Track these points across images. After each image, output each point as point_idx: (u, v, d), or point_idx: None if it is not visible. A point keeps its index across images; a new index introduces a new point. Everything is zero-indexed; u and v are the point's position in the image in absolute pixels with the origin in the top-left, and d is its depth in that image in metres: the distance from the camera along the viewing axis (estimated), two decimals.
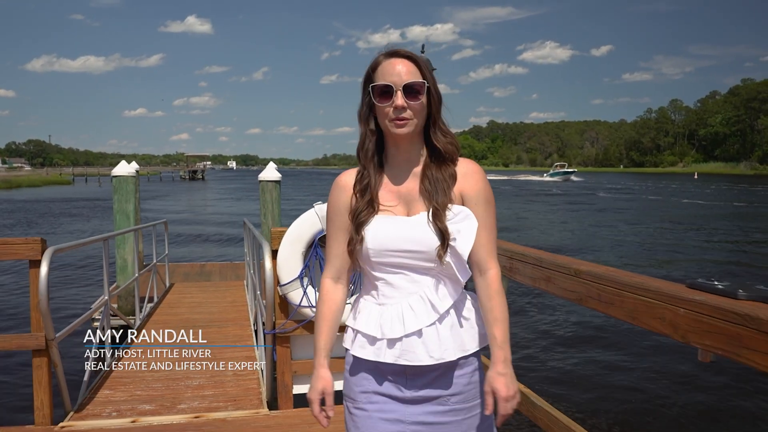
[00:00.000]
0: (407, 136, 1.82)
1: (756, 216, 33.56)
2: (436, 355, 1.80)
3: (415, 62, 1.83)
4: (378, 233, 1.81)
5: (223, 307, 8.77)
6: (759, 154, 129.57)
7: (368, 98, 1.85)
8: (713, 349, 1.76)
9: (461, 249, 1.78)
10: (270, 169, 10.02)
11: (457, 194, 1.85)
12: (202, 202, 52.52)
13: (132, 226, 9.16)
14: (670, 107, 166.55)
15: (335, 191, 1.93)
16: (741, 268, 16.99)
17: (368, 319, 1.86)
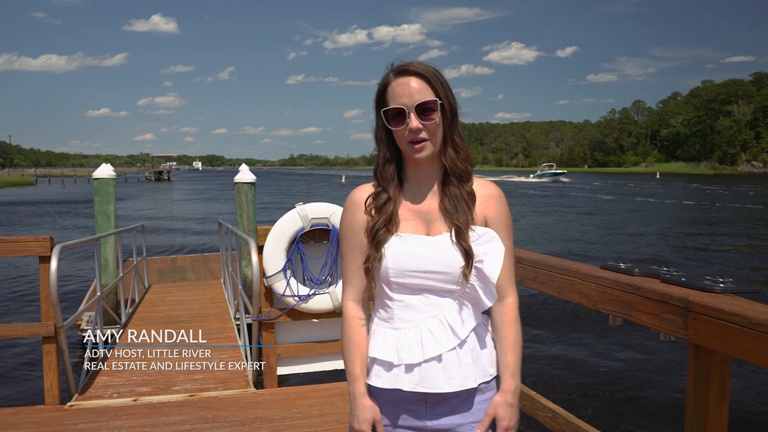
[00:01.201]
0: (427, 157, 1.75)
1: (700, 214, 34.76)
2: (457, 381, 1.73)
3: (426, 78, 1.73)
4: (398, 252, 1.73)
5: (203, 304, 9.22)
6: (719, 154, 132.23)
7: (382, 122, 1.78)
8: (615, 312, 2.35)
9: (489, 272, 1.74)
10: (245, 171, 10.49)
11: (480, 217, 1.80)
12: (170, 203, 52.28)
13: (113, 227, 9.57)
14: (633, 108, 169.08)
15: (350, 209, 1.85)
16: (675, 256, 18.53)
17: (384, 344, 1.77)
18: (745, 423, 6.58)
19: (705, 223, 29.28)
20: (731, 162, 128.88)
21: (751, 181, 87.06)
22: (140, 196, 60.33)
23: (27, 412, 4.58)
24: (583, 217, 32.15)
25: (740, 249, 20.61)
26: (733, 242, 22.23)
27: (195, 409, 4.56)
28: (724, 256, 19.17)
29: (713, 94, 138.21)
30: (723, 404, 1.99)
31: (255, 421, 4.27)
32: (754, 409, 7.00)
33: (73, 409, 4.64)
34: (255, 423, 4.25)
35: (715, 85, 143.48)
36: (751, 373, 7.89)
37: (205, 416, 4.38)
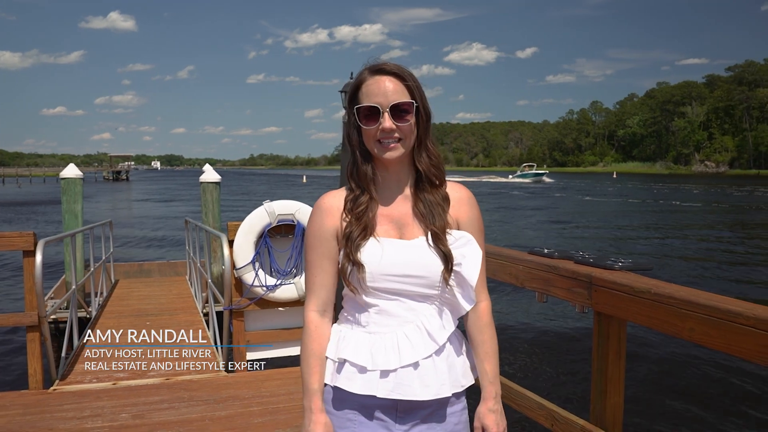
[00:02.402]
0: (397, 159, 1.73)
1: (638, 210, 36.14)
2: (432, 390, 1.70)
3: (402, 79, 1.71)
4: (374, 257, 1.68)
5: (170, 299, 9.52)
6: (673, 154, 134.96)
7: (354, 119, 1.74)
8: (538, 289, 2.81)
9: (468, 275, 1.71)
10: (210, 171, 10.79)
11: (454, 220, 1.78)
12: (130, 203, 52.03)
13: (80, 226, 9.82)
14: (591, 109, 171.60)
15: (318, 215, 1.79)
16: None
17: (357, 348, 1.71)
18: (644, 381, 8.04)
19: (653, 220, 31.15)
20: (685, 162, 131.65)
21: (701, 180, 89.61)
22: (99, 197, 59.70)
23: (12, 396, 4.90)
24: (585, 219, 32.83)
25: (668, 238, 23.59)
26: (663, 234, 25.32)
27: (171, 390, 4.93)
28: (652, 243, 22.78)
29: (668, 95, 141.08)
30: (620, 360, 2.46)
31: (228, 400, 4.67)
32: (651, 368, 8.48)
33: (57, 393, 4.98)
34: (228, 401, 4.65)
35: (670, 86, 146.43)
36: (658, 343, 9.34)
37: (181, 396, 4.77)
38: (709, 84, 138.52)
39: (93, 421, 4.30)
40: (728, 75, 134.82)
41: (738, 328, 1.80)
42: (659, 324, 2.12)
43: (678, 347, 9.12)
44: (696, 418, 7.08)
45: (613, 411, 2.45)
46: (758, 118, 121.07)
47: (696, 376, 8.33)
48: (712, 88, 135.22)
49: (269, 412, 4.42)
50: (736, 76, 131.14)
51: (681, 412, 7.21)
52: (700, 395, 7.73)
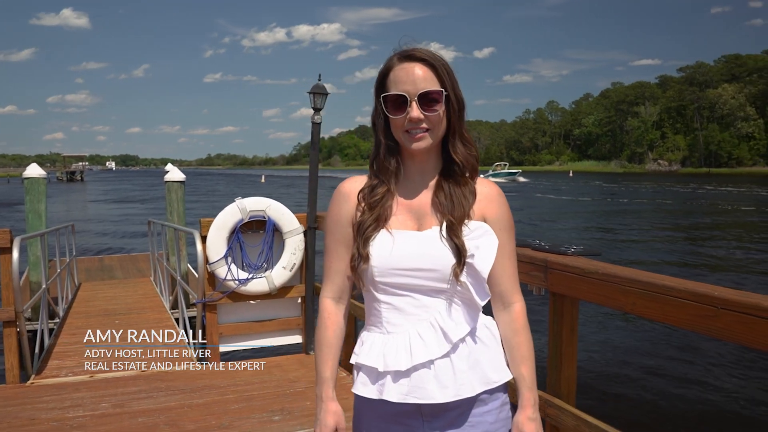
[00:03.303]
0: (425, 149, 1.66)
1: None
2: (450, 391, 1.60)
3: (432, 66, 1.63)
4: (383, 249, 1.62)
5: (136, 299, 9.61)
6: (627, 153, 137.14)
7: (381, 108, 1.67)
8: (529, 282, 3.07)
9: (480, 266, 1.61)
10: (174, 170, 10.87)
11: (479, 216, 1.69)
12: (85, 204, 51.27)
13: (44, 226, 9.85)
14: (548, 108, 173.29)
15: (337, 200, 1.75)
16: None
17: (370, 350, 1.66)
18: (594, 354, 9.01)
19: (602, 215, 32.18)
20: (639, 161, 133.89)
21: (654, 178, 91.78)
22: (53, 198, 58.59)
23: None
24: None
25: (617, 231, 24.94)
26: (613, 227, 26.80)
27: (148, 381, 5.11)
28: (605, 236, 24.45)
29: (622, 95, 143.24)
30: (573, 336, 2.74)
31: (204, 389, 4.86)
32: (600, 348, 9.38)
33: (35, 386, 5.12)
34: (204, 390, 4.84)
35: (624, 86, 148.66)
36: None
37: (159, 386, 4.94)
38: (662, 84, 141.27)
39: (74, 410, 4.46)
40: (680, 76, 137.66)
41: (672, 300, 2.08)
42: (606, 300, 2.41)
43: (621, 322, 10.38)
44: (638, 381, 8.04)
45: (567, 382, 2.72)
46: (708, 117, 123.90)
47: (636, 346, 9.47)
48: (665, 89, 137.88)
49: (245, 399, 4.63)
50: (688, 76, 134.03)
51: (625, 379, 8.15)
52: (641, 362, 8.78)
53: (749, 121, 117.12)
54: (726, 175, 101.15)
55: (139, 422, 4.24)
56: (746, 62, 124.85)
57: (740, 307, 1.85)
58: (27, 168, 10.38)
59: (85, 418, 4.33)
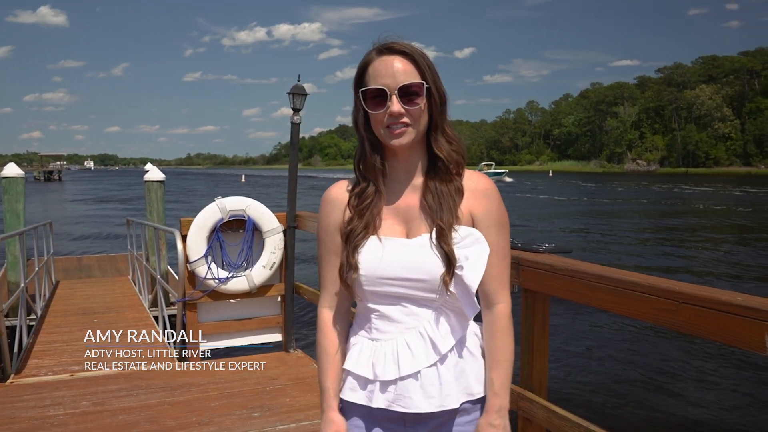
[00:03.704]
0: (406, 145, 1.59)
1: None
2: (436, 401, 1.60)
3: (412, 59, 1.59)
4: (371, 258, 1.59)
5: (114, 298, 9.62)
6: (607, 153, 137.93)
7: (360, 104, 1.61)
8: None
9: (469, 279, 1.56)
10: (154, 170, 10.88)
11: (466, 213, 1.63)
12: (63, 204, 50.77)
13: (22, 225, 9.83)
14: (527, 108, 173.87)
15: (325, 208, 1.71)
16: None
17: (359, 357, 1.66)
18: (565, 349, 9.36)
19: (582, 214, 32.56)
20: (618, 160, 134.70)
21: (632, 178, 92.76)
22: (31, 197, 57.86)
23: None
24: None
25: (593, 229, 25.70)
26: (589, 227, 27.62)
27: (128, 379, 5.13)
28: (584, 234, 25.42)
29: (601, 95, 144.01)
30: (544, 331, 2.81)
31: (184, 386, 4.90)
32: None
33: (14, 385, 5.14)
34: (184, 388, 4.88)
35: (603, 87, 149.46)
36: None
37: (139, 384, 4.97)
38: (640, 85, 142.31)
39: (55, 409, 4.49)
40: (658, 76, 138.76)
41: (636, 295, 2.16)
42: (575, 296, 2.49)
43: (590, 318, 10.77)
44: (606, 374, 8.41)
45: (539, 376, 2.80)
46: (686, 118, 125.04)
47: (604, 340, 9.89)
48: (643, 89, 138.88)
49: (225, 396, 4.68)
50: (666, 77, 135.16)
51: (595, 372, 8.49)
52: (608, 356, 9.16)
53: (726, 121, 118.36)
54: (703, 175, 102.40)
55: (119, 420, 4.27)
56: (723, 63, 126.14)
57: (699, 301, 1.93)
58: (5, 167, 10.37)
59: (66, 416, 4.36)
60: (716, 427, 6.79)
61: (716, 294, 1.92)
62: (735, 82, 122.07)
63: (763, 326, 1.73)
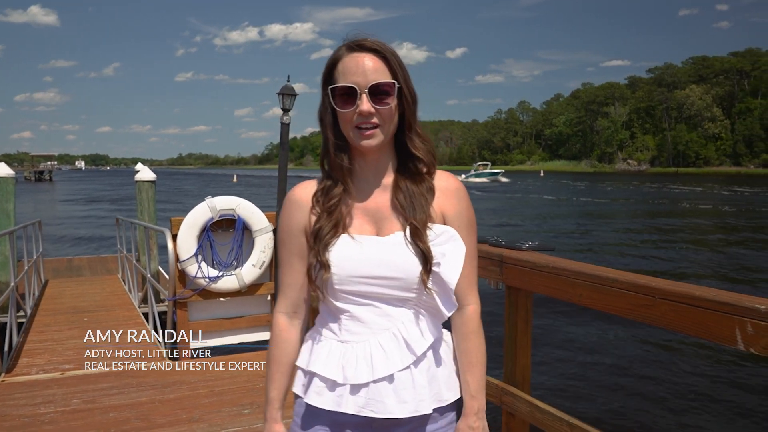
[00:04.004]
0: (376, 147, 1.55)
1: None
2: (410, 406, 1.54)
3: (383, 57, 1.54)
4: (344, 256, 1.53)
5: (104, 296, 9.62)
6: (598, 153, 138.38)
7: (329, 101, 1.56)
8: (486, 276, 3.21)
9: (447, 276, 1.53)
10: (145, 170, 10.89)
11: (438, 213, 1.60)
12: (54, 204, 50.58)
13: (12, 225, 9.83)
14: (519, 108, 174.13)
15: (288, 208, 1.64)
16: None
17: (328, 359, 1.57)
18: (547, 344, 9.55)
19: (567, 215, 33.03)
20: (609, 160, 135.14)
21: (623, 178, 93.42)
22: (21, 198, 57.60)
23: None
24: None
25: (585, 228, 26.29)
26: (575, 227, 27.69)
27: (119, 377, 5.17)
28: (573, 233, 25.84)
29: (592, 95, 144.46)
30: (527, 327, 2.87)
31: (174, 384, 4.95)
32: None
33: (5, 384, 5.16)
34: (174, 385, 4.92)
35: (594, 87, 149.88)
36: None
37: (129, 383, 5.02)
38: (631, 85, 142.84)
39: (46, 407, 4.52)
40: (649, 77, 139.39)
41: (614, 291, 2.22)
42: (557, 292, 2.54)
43: (572, 315, 11.03)
44: (588, 368, 8.62)
45: (522, 371, 2.86)
46: (676, 118, 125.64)
47: (585, 337, 10.10)
48: (634, 89, 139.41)
49: (215, 394, 4.73)
50: (656, 77, 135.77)
51: (576, 367, 8.68)
52: (590, 352, 9.38)
53: (716, 121, 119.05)
54: (693, 175, 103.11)
55: (110, 417, 4.32)
56: (713, 64, 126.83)
57: (674, 297, 1.99)
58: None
59: (57, 413, 4.40)
60: (692, 418, 6.99)
61: (690, 289, 1.98)
62: (725, 82, 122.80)
63: (735, 320, 1.79)
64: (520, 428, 2.81)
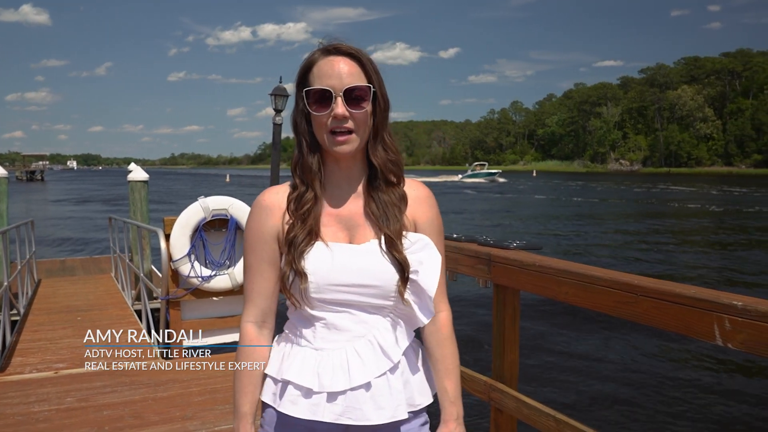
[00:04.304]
0: (350, 153, 1.54)
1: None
2: (387, 412, 1.53)
3: (358, 61, 1.54)
4: (321, 264, 1.51)
5: (98, 295, 9.63)
6: (590, 153, 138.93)
7: (303, 104, 1.55)
8: (448, 268, 3.26)
9: (426, 284, 1.53)
10: (138, 170, 10.92)
11: (411, 221, 1.61)
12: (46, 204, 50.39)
13: (5, 225, 9.86)
14: (512, 108, 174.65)
15: (257, 214, 1.60)
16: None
17: (302, 366, 1.54)
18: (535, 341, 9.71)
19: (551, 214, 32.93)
20: (601, 160, 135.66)
21: (614, 178, 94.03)
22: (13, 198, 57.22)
23: None
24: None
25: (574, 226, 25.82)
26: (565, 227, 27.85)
27: (112, 376, 5.20)
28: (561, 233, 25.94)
29: (585, 96, 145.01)
30: (515, 324, 2.93)
31: (168, 383, 4.99)
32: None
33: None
34: (168, 384, 4.96)
35: (587, 87, 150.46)
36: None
37: (123, 381, 5.05)
38: (623, 85, 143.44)
39: (40, 405, 4.56)
40: (641, 77, 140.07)
41: (599, 289, 2.28)
42: (543, 290, 2.60)
43: (559, 316, 11.16)
44: (575, 367, 8.76)
45: (510, 367, 2.91)
46: (668, 118, 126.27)
47: (572, 337, 10.25)
48: (626, 90, 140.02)
49: (208, 392, 4.78)
50: (649, 78, 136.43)
51: (563, 366, 8.80)
52: (576, 350, 9.55)
53: (708, 122, 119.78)
54: (685, 175, 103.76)
55: (104, 415, 4.36)
56: (705, 64, 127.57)
57: (655, 294, 2.05)
58: None
59: (51, 412, 4.43)
60: (676, 414, 7.15)
61: (671, 287, 2.03)
62: (716, 82, 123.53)
63: (713, 317, 1.85)
64: (508, 424, 2.87)
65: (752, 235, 24.36)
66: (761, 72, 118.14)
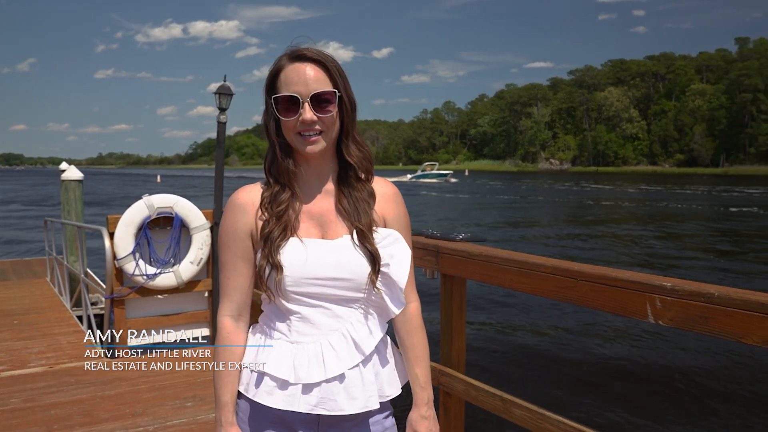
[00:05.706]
0: (319, 153, 1.60)
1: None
2: (359, 402, 1.61)
3: (324, 66, 1.60)
4: (296, 258, 1.57)
5: (34, 299, 9.40)
6: (521, 153, 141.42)
7: (273, 109, 1.61)
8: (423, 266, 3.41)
9: (397, 276, 1.63)
10: (72, 169, 10.71)
11: (380, 217, 1.69)
12: None
13: None
14: (444, 108, 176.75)
15: (232, 212, 1.66)
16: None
17: (279, 359, 1.61)
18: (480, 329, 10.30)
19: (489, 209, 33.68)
20: (532, 160, 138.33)
21: (543, 177, 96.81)
22: None
23: None
24: None
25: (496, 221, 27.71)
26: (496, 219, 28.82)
27: (57, 376, 5.17)
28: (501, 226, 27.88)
29: (516, 96, 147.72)
30: (462, 312, 3.09)
31: (115, 381, 4.98)
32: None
33: None
34: (115, 382, 4.95)
35: (518, 88, 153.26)
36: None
37: (68, 381, 5.02)
38: (553, 86, 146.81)
39: None
40: (570, 78, 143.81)
41: (541, 275, 2.46)
42: (488, 278, 2.77)
43: (503, 300, 11.87)
44: (518, 347, 9.36)
45: (457, 354, 3.08)
46: (596, 119, 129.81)
47: (515, 319, 10.89)
48: (556, 91, 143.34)
49: (156, 389, 4.80)
50: (577, 79, 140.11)
51: (508, 347, 9.34)
52: (519, 332, 10.18)
53: (633, 122, 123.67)
54: (612, 174, 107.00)
55: (51, 414, 4.33)
56: (630, 67, 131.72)
57: (593, 278, 2.24)
58: None
59: None
60: (612, 385, 7.77)
61: (608, 271, 2.23)
62: (641, 84, 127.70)
63: (645, 297, 2.04)
64: (456, 406, 3.04)
65: (661, 228, 26.79)
66: (683, 75, 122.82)
